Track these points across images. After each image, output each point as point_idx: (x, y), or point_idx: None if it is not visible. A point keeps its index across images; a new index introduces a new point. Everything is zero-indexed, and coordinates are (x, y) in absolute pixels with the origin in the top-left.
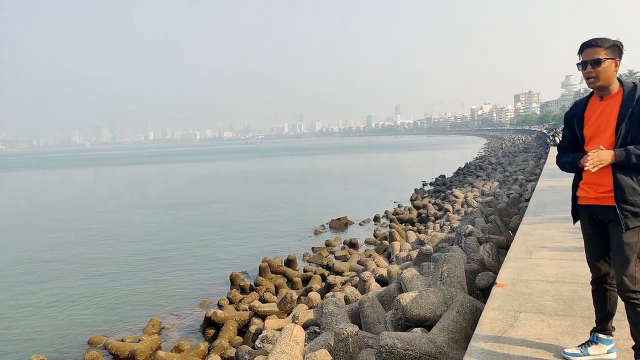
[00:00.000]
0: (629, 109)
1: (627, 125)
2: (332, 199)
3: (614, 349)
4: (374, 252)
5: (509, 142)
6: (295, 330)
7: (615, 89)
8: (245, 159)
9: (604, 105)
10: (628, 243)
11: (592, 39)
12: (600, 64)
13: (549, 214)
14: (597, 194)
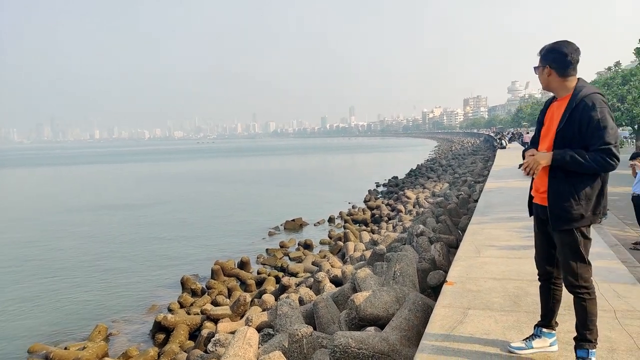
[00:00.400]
0: (568, 113)
1: (565, 130)
2: (286, 200)
3: (556, 342)
4: (328, 253)
5: (458, 144)
6: (249, 332)
7: (565, 92)
8: (197, 159)
9: (555, 107)
10: (565, 243)
11: (553, 44)
12: (536, 70)
13: (496, 214)
14: (538, 194)
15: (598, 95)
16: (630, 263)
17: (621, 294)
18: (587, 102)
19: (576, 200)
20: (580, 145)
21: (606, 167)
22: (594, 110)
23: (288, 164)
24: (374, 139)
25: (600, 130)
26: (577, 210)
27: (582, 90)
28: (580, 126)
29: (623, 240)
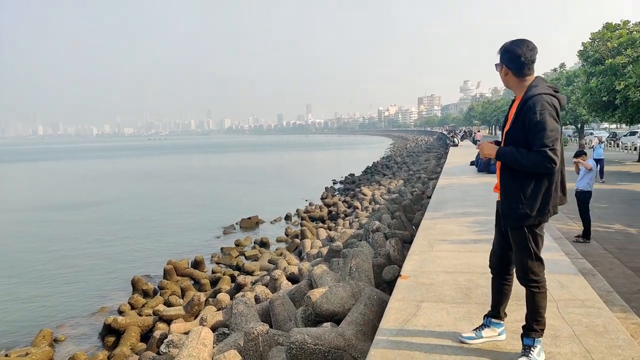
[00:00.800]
0: (516, 114)
1: (512, 130)
2: (242, 197)
3: (504, 332)
4: (285, 251)
5: (413, 142)
6: (203, 332)
7: (521, 92)
8: (148, 156)
9: (513, 106)
10: (515, 240)
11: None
12: (496, 69)
13: (449, 210)
14: (496, 190)
15: (543, 97)
16: (573, 255)
17: (564, 284)
18: (530, 103)
19: (522, 199)
20: (525, 145)
21: (541, 169)
22: (535, 112)
23: (244, 161)
24: (330, 137)
25: (539, 132)
26: (522, 210)
27: (531, 90)
28: (523, 126)
29: (567, 233)
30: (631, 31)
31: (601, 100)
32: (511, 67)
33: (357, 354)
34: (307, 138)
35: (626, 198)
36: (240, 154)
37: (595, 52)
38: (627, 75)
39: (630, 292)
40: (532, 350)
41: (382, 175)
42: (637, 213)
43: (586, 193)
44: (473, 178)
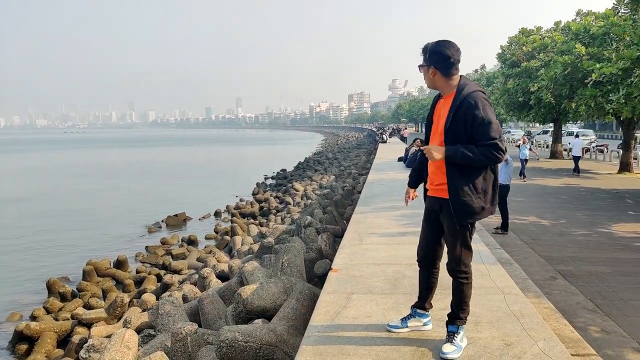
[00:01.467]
0: (453, 112)
1: (452, 128)
2: (168, 194)
3: (429, 322)
4: (214, 248)
5: (344, 138)
6: (127, 334)
7: (450, 91)
8: (66, 150)
9: (443, 104)
10: (456, 233)
11: (436, 43)
12: (420, 70)
13: (378, 204)
14: (432, 186)
15: (480, 93)
16: (492, 246)
17: (484, 273)
18: (470, 100)
19: (475, 194)
20: (467, 141)
21: (493, 160)
22: (477, 108)
23: (170, 156)
24: (262, 132)
25: (485, 127)
26: (477, 204)
27: (464, 88)
28: (465, 123)
29: (486, 225)
30: (543, 37)
31: (517, 100)
32: (440, 68)
33: (288, 349)
34: (238, 132)
35: (539, 192)
36: (165, 148)
37: (512, 55)
38: (540, 77)
39: (543, 279)
40: (456, 336)
41: (313, 171)
42: (549, 206)
43: (504, 187)
44: (401, 173)
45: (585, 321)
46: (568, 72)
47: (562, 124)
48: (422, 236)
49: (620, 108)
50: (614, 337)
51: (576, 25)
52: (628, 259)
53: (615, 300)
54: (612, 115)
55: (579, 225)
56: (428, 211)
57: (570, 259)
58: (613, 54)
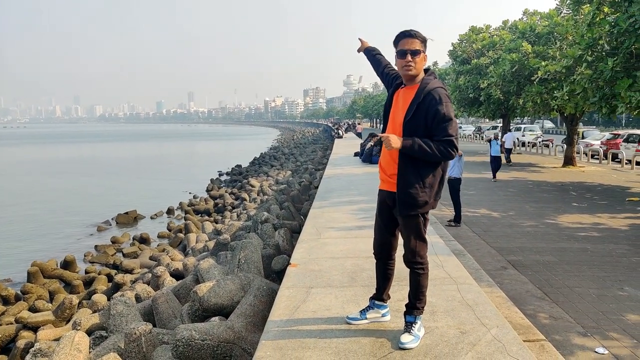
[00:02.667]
0: (416, 105)
1: (412, 121)
2: (118, 191)
3: (388, 313)
4: (168, 246)
5: (300, 134)
6: (77, 337)
7: (417, 81)
8: (5, 147)
9: (403, 93)
10: (409, 226)
11: (411, 30)
12: (418, 55)
13: (335, 199)
14: (386, 176)
15: (443, 90)
16: (446, 237)
17: (439, 264)
18: (435, 95)
19: (422, 188)
20: (425, 135)
21: (447, 157)
22: (441, 104)
23: (119, 152)
24: (215, 126)
25: (445, 123)
26: (422, 198)
27: (429, 83)
28: (426, 118)
29: (440, 218)
30: (492, 35)
31: (468, 96)
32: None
33: (247, 346)
34: (190, 127)
35: (490, 185)
36: (114, 144)
37: (463, 52)
38: (490, 74)
39: (495, 269)
40: (414, 326)
41: (270, 167)
42: (499, 199)
43: (457, 180)
44: (357, 168)
45: (534, 308)
46: (515, 69)
47: (511, 119)
48: (377, 229)
49: (564, 104)
50: (561, 322)
51: (522, 24)
52: (572, 249)
53: (561, 287)
54: (556, 111)
55: (527, 217)
56: (381, 204)
57: (520, 249)
58: (557, 53)
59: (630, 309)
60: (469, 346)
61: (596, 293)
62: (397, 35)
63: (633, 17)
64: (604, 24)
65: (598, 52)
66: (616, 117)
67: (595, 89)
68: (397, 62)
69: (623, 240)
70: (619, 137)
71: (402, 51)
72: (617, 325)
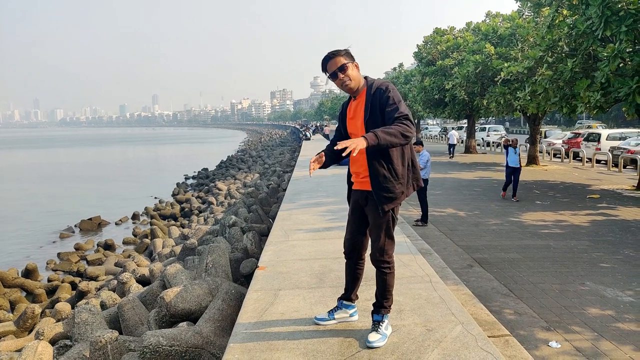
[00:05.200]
0: (369, 104)
1: (371, 119)
2: (81, 197)
3: (356, 313)
4: (133, 252)
5: (267, 136)
6: (40, 347)
7: (363, 88)
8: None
9: (355, 105)
10: (379, 223)
11: (329, 53)
12: (346, 69)
13: (303, 201)
14: (359, 179)
15: (387, 82)
16: (413, 237)
17: (406, 263)
18: (382, 87)
19: (396, 180)
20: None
21: (407, 130)
22: (388, 91)
23: (81, 157)
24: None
25: (396, 104)
26: (398, 189)
27: (374, 82)
28: (381, 110)
29: (407, 218)
30: (456, 37)
31: (433, 97)
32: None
33: (216, 350)
34: (155, 131)
35: (455, 185)
36: (76, 148)
37: (428, 54)
38: (454, 76)
39: (461, 267)
40: (381, 325)
41: (237, 169)
42: (464, 198)
43: (423, 181)
44: (325, 170)
45: (500, 305)
46: (479, 70)
47: (475, 120)
48: (349, 229)
49: (526, 104)
50: (526, 317)
51: (485, 26)
52: (536, 245)
53: (525, 284)
54: (519, 112)
55: (492, 215)
56: (354, 204)
57: (485, 247)
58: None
59: (591, 303)
60: (435, 343)
61: (559, 288)
62: (321, 63)
63: (590, 19)
64: (563, 26)
65: (558, 54)
66: (576, 116)
67: (556, 89)
68: (336, 84)
69: (584, 237)
70: (579, 136)
71: (332, 74)
72: (579, 319)
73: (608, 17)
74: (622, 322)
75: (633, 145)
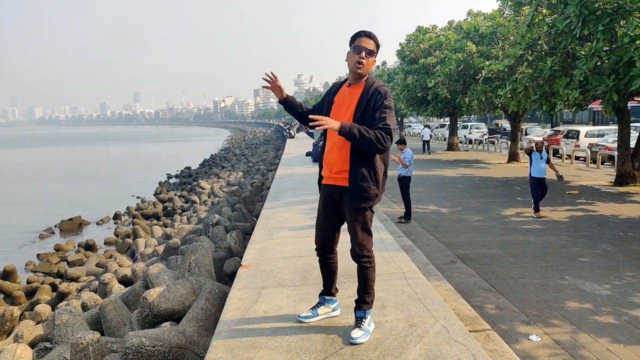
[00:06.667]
0: (364, 101)
1: (362, 116)
2: (61, 197)
3: (338, 307)
4: (115, 252)
5: (251, 134)
6: (19, 350)
7: (363, 82)
8: None
9: (349, 92)
10: (357, 219)
11: (370, 32)
12: (372, 55)
13: (287, 199)
14: (332, 174)
15: (386, 88)
16: (396, 234)
17: (389, 260)
18: (381, 91)
19: (373, 182)
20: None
21: (382, 144)
22: (386, 99)
23: (61, 156)
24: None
25: (386, 114)
26: (373, 191)
27: (375, 82)
28: (373, 112)
29: (391, 215)
30: (438, 35)
31: (416, 95)
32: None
33: (199, 350)
34: (136, 129)
35: (438, 182)
36: (55, 147)
37: (410, 52)
38: (437, 74)
39: (443, 263)
40: (364, 321)
41: (220, 168)
42: (447, 195)
43: (407, 178)
44: (309, 168)
45: (481, 300)
46: (461, 68)
47: (458, 117)
48: (320, 225)
49: (507, 102)
50: (507, 312)
51: (467, 24)
52: (517, 241)
53: (507, 279)
54: (500, 109)
55: (474, 212)
56: (326, 199)
57: (467, 243)
58: (500, 52)
59: (570, 297)
60: (417, 338)
61: (539, 283)
62: (357, 33)
63: (569, 18)
64: (543, 25)
65: (538, 52)
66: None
67: (536, 87)
68: (349, 57)
69: (563, 232)
70: (559, 133)
71: (358, 47)
72: (559, 313)
73: (586, 17)
74: (600, 315)
75: (610, 142)
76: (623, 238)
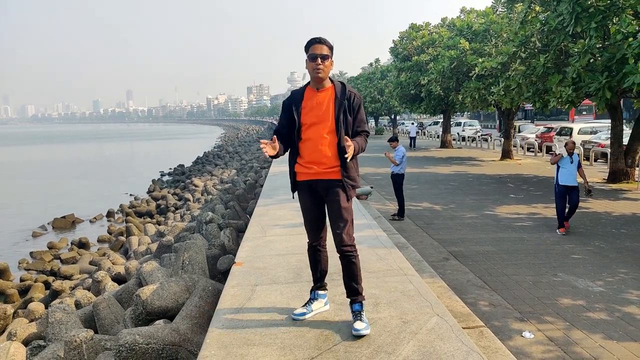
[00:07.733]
0: (343, 103)
1: (343, 116)
2: (54, 195)
3: (327, 302)
4: (108, 250)
5: (244, 132)
6: (13, 348)
7: (328, 84)
8: None
9: (321, 97)
10: (346, 208)
11: (321, 37)
12: (327, 60)
13: (280, 196)
14: (321, 170)
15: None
16: (390, 231)
17: (382, 257)
18: (357, 95)
19: (356, 172)
20: (351, 128)
21: (364, 147)
22: (360, 105)
23: (54, 154)
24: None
25: (364, 121)
26: (358, 180)
27: (343, 84)
28: (353, 114)
29: (384, 212)
30: (432, 32)
31: (410, 93)
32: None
33: (193, 347)
34: (129, 127)
35: (431, 180)
36: (48, 145)
37: (404, 49)
38: (430, 71)
39: (437, 260)
40: (363, 313)
41: (214, 166)
42: (440, 192)
43: (400, 176)
44: None
45: (475, 297)
46: (454, 66)
47: (451, 115)
48: (310, 219)
49: (500, 99)
50: (500, 309)
51: (460, 22)
52: (510, 238)
53: (500, 276)
54: (494, 106)
55: (467, 209)
56: (313, 194)
57: (461, 240)
58: (493, 50)
59: (563, 294)
60: (410, 335)
61: (532, 280)
62: (308, 42)
63: (561, 15)
64: (536, 22)
65: (531, 49)
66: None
67: (529, 84)
68: (308, 65)
69: (556, 229)
70: (552, 130)
71: (313, 55)
72: (552, 309)
73: (578, 14)
74: (593, 312)
75: (603, 139)
76: (616, 235)
